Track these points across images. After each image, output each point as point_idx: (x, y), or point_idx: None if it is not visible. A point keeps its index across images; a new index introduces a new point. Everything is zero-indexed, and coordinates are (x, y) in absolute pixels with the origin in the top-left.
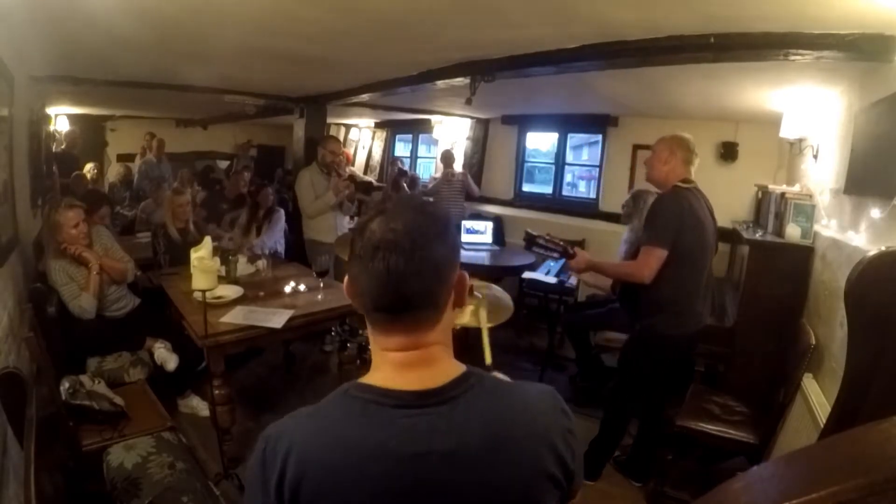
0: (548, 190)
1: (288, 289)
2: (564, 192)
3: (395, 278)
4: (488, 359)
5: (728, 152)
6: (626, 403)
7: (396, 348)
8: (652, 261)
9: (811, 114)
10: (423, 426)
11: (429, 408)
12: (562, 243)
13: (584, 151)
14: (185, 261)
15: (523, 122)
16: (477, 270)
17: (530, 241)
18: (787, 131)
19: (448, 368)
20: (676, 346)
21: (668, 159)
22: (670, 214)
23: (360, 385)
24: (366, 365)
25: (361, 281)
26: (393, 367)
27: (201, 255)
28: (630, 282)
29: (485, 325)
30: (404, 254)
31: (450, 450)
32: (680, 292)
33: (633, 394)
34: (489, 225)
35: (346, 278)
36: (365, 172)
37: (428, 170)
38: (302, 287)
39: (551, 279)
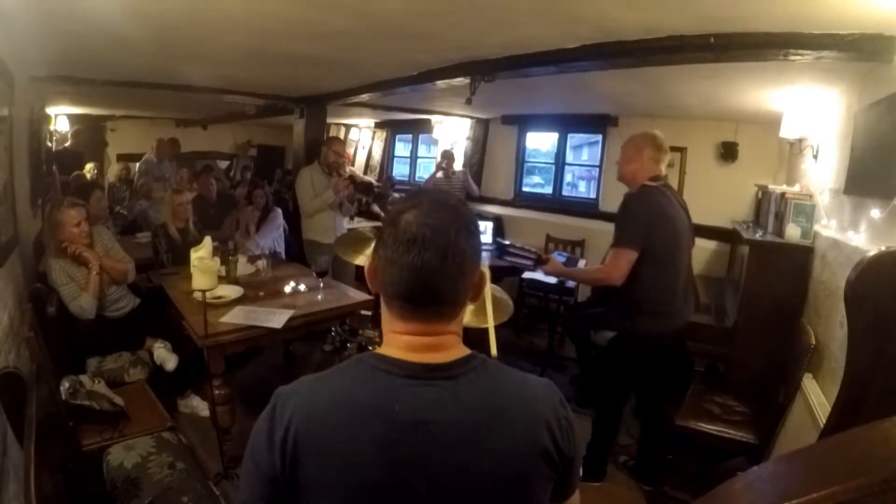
0: (548, 190)
1: (288, 289)
2: (564, 192)
3: (427, 275)
4: (494, 351)
5: (728, 152)
6: (613, 403)
7: (411, 333)
8: (622, 262)
9: (811, 114)
10: (427, 396)
11: (435, 380)
12: (534, 251)
13: (584, 151)
14: (186, 260)
15: (523, 122)
16: None
17: (502, 250)
18: (787, 131)
19: (455, 350)
20: (659, 345)
21: (635, 157)
22: (638, 214)
23: (373, 354)
24: None
25: (392, 271)
26: (405, 346)
27: (201, 255)
28: (603, 285)
29: (491, 323)
30: (438, 251)
31: (451, 421)
32: (656, 292)
33: (619, 393)
34: (489, 225)
35: (369, 262)
36: (365, 172)
37: (428, 170)
38: (302, 287)
39: (551, 279)
